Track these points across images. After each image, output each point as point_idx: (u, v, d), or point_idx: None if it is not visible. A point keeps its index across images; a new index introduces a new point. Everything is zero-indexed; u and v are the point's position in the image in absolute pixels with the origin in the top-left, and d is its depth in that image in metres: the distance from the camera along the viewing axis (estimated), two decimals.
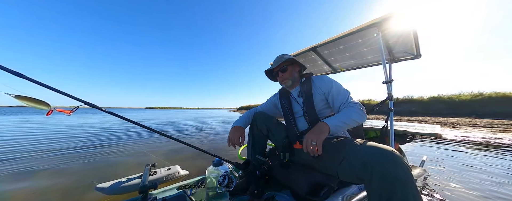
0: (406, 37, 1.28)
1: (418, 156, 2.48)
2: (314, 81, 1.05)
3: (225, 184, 0.85)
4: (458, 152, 2.91)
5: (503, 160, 2.49)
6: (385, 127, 1.19)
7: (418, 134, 1.45)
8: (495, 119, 8.75)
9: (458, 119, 9.20)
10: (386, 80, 1.26)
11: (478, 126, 6.36)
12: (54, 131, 5.24)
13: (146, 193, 0.94)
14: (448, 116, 11.31)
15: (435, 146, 3.31)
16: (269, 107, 1.29)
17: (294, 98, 1.12)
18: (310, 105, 0.99)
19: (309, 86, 1.03)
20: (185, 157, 2.61)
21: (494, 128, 5.78)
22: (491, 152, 2.95)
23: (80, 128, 6.03)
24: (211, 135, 4.90)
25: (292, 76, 1.09)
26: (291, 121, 1.07)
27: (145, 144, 3.54)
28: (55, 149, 3.07)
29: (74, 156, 2.62)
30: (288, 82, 1.10)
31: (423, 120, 8.80)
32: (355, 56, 1.67)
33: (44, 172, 1.99)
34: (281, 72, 1.09)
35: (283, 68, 1.08)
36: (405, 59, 1.58)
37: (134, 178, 1.23)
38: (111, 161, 2.44)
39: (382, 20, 1.08)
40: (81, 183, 1.69)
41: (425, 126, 1.74)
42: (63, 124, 7.07)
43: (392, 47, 1.44)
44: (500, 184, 1.67)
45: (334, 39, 1.37)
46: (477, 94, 12.75)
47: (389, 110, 1.23)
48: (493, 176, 1.87)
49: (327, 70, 2.10)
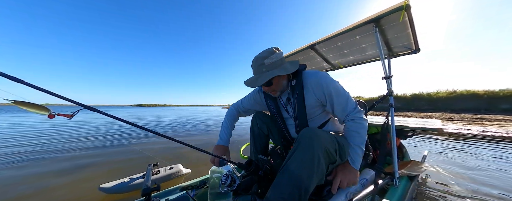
0: (404, 32, 1.25)
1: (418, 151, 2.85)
2: (306, 83, 0.89)
3: (228, 183, 0.85)
4: (436, 140, 3.65)
5: (474, 147, 3.23)
6: (386, 123, 1.18)
7: (419, 129, 1.46)
8: (466, 114, 10.04)
9: (436, 114, 10.41)
10: (386, 76, 1.25)
11: (452, 120, 7.40)
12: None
13: (149, 196, 0.92)
14: (427, 111, 12.65)
15: (416, 137, 3.96)
16: (251, 104, 1.16)
17: (282, 104, 1.02)
18: (301, 112, 0.91)
19: (301, 93, 0.89)
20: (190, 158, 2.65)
21: (465, 121, 6.80)
22: (463, 140, 3.73)
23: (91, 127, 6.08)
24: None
25: (280, 86, 0.91)
26: (281, 124, 1.05)
27: (143, 143, 3.58)
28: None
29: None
30: (276, 94, 0.94)
31: (406, 115, 9.83)
32: (354, 52, 1.65)
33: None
34: (266, 86, 0.90)
35: (268, 82, 0.87)
36: (404, 53, 1.57)
37: (137, 178, 1.22)
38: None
39: (380, 16, 1.06)
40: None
41: (426, 121, 1.77)
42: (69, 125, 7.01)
43: (391, 43, 1.43)
44: (467, 161, 2.35)
45: (331, 36, 1.36)
46: (451, 92, 14.31)
47: (389, 105, 1.22)
48: (466, 158, 2.55)
49: (326, 67, 2.09)
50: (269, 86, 0.90)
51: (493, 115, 9.09)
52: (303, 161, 0.67)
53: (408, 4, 0.96)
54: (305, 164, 0.66)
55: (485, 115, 9.20)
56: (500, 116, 8.26)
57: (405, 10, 0.98)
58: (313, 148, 0.67)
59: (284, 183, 0.66)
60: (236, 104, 1.22)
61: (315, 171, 0.66)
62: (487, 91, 12.47)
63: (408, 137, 1.73)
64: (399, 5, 0.97)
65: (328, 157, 0.73)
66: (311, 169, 0.66)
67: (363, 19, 1.14)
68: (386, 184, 1.07)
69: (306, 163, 0.66)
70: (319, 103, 0.91)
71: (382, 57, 1.22)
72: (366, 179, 0.98)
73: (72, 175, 1.94)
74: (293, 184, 0.64)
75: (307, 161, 0.66)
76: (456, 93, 13.81)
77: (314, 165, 0.66)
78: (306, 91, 0.89)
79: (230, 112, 1.19)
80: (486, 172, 1.99)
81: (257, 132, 1.15)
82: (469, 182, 1.73)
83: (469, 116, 8.82)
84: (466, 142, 3.49)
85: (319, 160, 0.67)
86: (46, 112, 0.59)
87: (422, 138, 3.89)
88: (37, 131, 5.03)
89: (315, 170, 0.66)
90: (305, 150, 0.68)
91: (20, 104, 0.56)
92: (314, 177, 0.66)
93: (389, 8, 1.02)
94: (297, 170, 0.66)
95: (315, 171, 0.66)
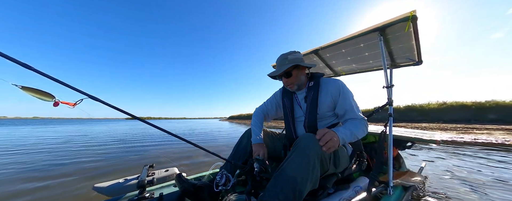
0: (408, 43, 1.26)
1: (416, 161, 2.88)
2: (322, 85, 0.99)
3: (222, 183, 0.85)
4: (432, 148, 3.95)
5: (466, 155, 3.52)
6: (384, 132, 1.17)
7: (417, 140, 1.44)
8: (458, 124, 10.55)
9: (430, 124, 10.88)
10: (387, 85, 1.25)
11: (446, 129, 7.80)
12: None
13: (144, 189, 0.94)
14: (421, 122, 13.16)
15: (416, 146, 4.25)
16: (272, 104, 1.24)
17: (298, 102, 1.08)
18: (313, 112, 0.97)
19: (316, 92, 0.98)
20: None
21: (457, 131, 7.20)
22: (459, 148, 4.06)
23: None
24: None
25: (298, 80, 1.01)
26: (291, 124, 1.07)
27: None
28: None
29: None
30: (293, 87, 1.03)
31: (402, 126, 10.23)
32: (357, 60, 1.64)
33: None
34: (286, 77, 1.00)
35: (288, 73, 0.98)
36: (406, 65, 1.57)
37: (132, 179, 1.24)
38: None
39: (385, 25, 1.06)
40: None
41: (425, 133, 1.76)
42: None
43: (394, 53, 1.43)
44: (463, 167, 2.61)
45: (336, 42, 1.36)
46: (442, 103, 15.06)
47: (388, 115, 1.22)
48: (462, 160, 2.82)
49: (329, 73, 2.09)
50: (288, 78, 1.00)
51: (482, 124, 9.62)
52: (299, 166, 0.70)
53: (415, 15, 0.96)
54: (301, 168, 0.69)
55: (475, 125, 9.72)
56: (489, 126, 8.77)
57: (411, 21, 0.99)
58: (309, 154, 0.71)
59: (279, 185, 0.68)
60: (261, 107, 1.30)
61: (310, 176, 0.70)
62: (474, 102, 13.27)
63: (407, 148, 1.73)
64: (405, 16, 0.98)
65: (322, 165, 0.77)
66: (306, 174, 0.69)
67: (369, 27, 1.15)
68: (380, 193, 1.07)
69: (302, 168, 0.69)
70: (333, 105, 0.97)
71: (385, 67, 1.23)
72: (360, 187, 1.01)
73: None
74: (288, 187, 0.67)
75: (303, 165, 0.69)
76: (447, 105, 14.54)
77: (309, 170, 0.70)
78: (324, 92, 0.97)
79: (256, 113, 1.26)
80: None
81: (244, 144, 1.12)
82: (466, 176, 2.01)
83: (461, 126, 9.30)
84: (461, 148, 3.81)
85: (314, 166, 0.72)
86: (51, 99, 0.60)
87: (418, 145, 4.17)
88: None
89: (310, 175, 0.70)
90: (302, 155, 0.71)
91: (27, 89, 0.56)
92: (309, 181, 0.70)
93: (395, 17, 1.02)
94: (293, 173, 0.69)
95: (310, 176, 0.70)
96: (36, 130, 10.90)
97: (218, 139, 6.39)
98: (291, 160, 0.72)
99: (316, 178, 0.73)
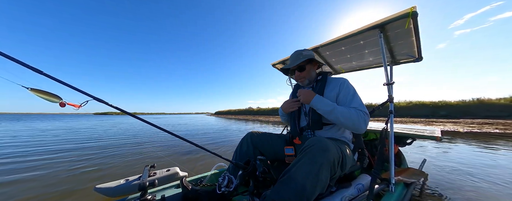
0: (408, 39, 1.24)
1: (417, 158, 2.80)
2: (329, 81, 1.06)
3: (225, 184, 0.86)
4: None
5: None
6: (384, 129, 1.13)
7: (418, 137, 1.48)
8: (421, 118, 14.08)
9: (402, 119, 14.18)
10: (387, 82, 1.25)
11: (415, 123, 10.62)
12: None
13: (145, 191, 0.94)
14: (395, 117, 16.55)
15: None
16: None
17: None
18: None
19: (322, 86, 1.04)
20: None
21: (423, 123, 9.95)
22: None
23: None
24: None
25: (310, 75, 1.09)
26: (295, 117, 1.12)
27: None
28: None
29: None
30: (305, 81, 1.10)
31: (381, 120, 13.13)
32: (357, 57, 1.65)
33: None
34: (299, 71, 1.07)
35: (301, 67, 1.05)
36: (406, 61, 1.57)
37: (133, 180, 1.23)
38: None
39: (385, 22, 1.06)
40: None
41: (425, 129, 1.78)
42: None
43: (394, 49, 1.41)
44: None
45: (336, 40, 1.35)
46: (409, 102, 19.15)
47: (389, 112, 1.22)
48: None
49: (328, 71, 2.03)
50: (301, 71, 1.08)
51: (436, 119, 13.04)
52: (309, 173, 0.69)
53: (415, 11, 0.96)
54: (311, 175, 0.69)
55: (432, 119, 13.10)
56: (442, 120, 12.09)
57: (411, 17, 0.99)
58: (321, 162, 0.71)
59: (288, 190, 0.68)
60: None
61: (319, 184, 0.70)
62: (432, 102, 17.46)
63: (407, 144, 1.77)
64: (405, 12, 0.98)
65: (331, 170, 0.77)
66: (315, 181, 0.69)
67: (369, 24, 1.14)
68: (382, 190, 1.09)
69: (312, 175, 0.69)
70: (336, 99, 1.00)
71: (385, 64, 1.21)
72: (362, 184, 1.03)
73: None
74: (297, 194, 0.66)
75: (313, 173, 0.69)
76: (412, 103, 18.59)
77: (319, 178, 0.70)
78: (330, 87, 1.04)
79: (281, 112, 1.26)
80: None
81: (245, 150, 1.15)
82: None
83: (424, 120, 12.53)
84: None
85: (324, 172, 0.71)
86: (58, 100, 0.62)
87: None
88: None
89: (319, 183, 0.70)
90: (312, 162, 0.71)
91: (35, 91, 0.59)
92: (318, 188, 0.70)
93: (396, 14, 1.02)
94: (302, 180, 0.68)
95: (319, 184, 0.70)
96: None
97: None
98: (301, 166, 0.71)
99: (324, 184, 0.73)
